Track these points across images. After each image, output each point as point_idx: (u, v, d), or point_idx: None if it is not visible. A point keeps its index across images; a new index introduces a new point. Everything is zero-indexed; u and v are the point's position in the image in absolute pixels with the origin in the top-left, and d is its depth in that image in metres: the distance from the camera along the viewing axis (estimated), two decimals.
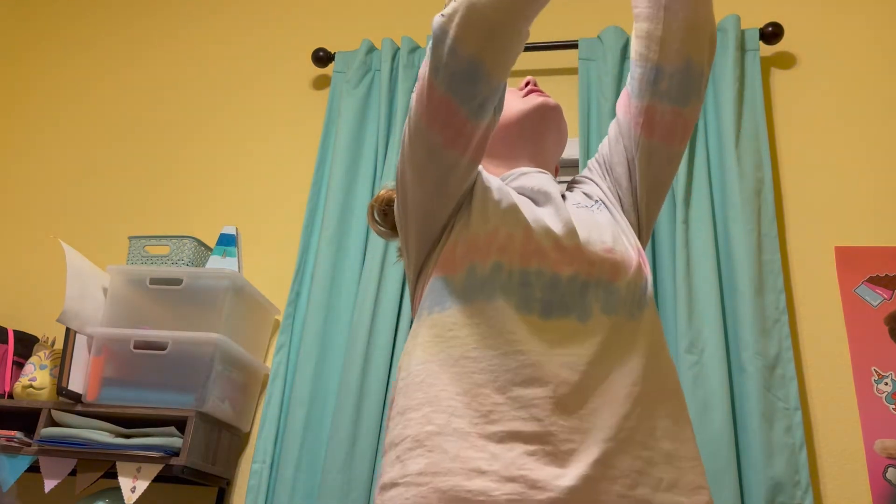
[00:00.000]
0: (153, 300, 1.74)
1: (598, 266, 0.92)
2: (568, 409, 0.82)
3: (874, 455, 1.58)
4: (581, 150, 1.86)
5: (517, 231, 0.92)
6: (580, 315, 0.89)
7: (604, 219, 1.00)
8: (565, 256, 0.91)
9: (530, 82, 1.13)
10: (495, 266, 0.90)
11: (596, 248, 0.93)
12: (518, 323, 0.87)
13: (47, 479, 1.58)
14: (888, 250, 1.74)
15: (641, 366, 0.88)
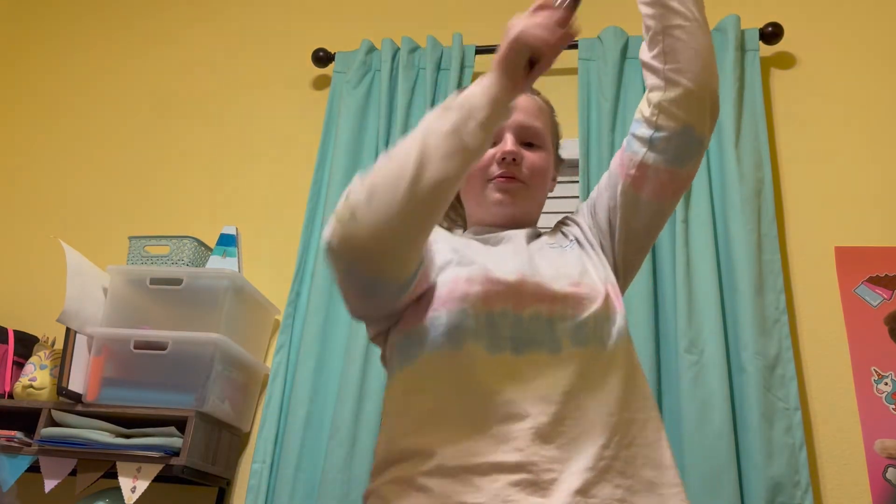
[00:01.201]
0: (153, 300, 1.74)
1: (562, 301, 0.93)
2: (548, 438, 0.83)
3: (874, 455, 1.58)
4: (581, 150, 1.86)
5: (477, 275, 0.93)
6: (551, 348, 0.90)
7: (573, 256, 1.02)
8: (526, 295, 0.92)
9: (506, 158, 1.06)
10: (460, 312, 0.91)
11: (561, 284, 0.94)
12: (490, 364, 0.88)
13: (47, 479, 1.58)
14: (888, 250, 1.74)
15: (617, 395, 0.89)
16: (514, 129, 1.08)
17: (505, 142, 1.07)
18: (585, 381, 0.88)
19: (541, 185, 1.10)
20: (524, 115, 1.09)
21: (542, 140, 1.10)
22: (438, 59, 2.05)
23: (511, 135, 1.08)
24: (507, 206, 1.07)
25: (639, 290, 1.67)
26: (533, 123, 1.09)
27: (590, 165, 1.85)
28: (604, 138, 1.86)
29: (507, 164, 1.05)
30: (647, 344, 1.63)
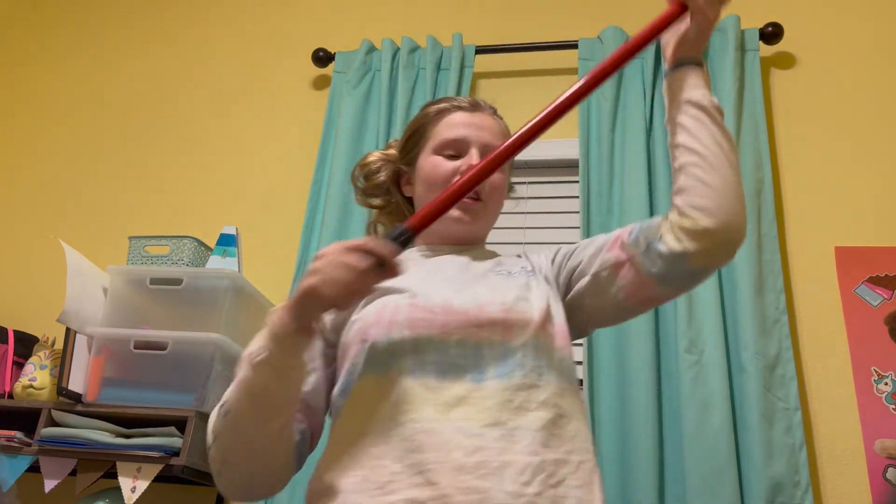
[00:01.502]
0: (153, 300, 1.74)
1: (489, 328, 0.92)
2: (464, 470, 0.82)
3: (874, 455, 1.57)
4: (581, 150, 1.86)
5: (402, 301, 0.94)
6: (475, 377, 0.89)
7: (516, 282, 1.01)
8: (452, 321, 0.92)
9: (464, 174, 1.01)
10: (386, 340, 0.92)
11: (492, 309, 0.94)
12: (413, 389, 0.88)
13: (47, 479, 1.58)
14: (888, 250, 1.74)
15: (543, 434, 0.86)
16: (480, 146, 1.09)
17: (470, 156, 1.08)
18: (508, 415, 0.86)
19: (497, 205, 1.12)
20: (490, 136, 1.11)
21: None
22: (438, 59, 2.05)
23: (476, 150, 1.09)
24: (465, 224, 1.08)
25: None
26: (496, 143, 1.09)
27: (590, 165, 1.85)
28: (604, 138, 1.86)
29: None
30: (647, 344, 1.63)
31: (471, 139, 1.09)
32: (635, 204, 1.76)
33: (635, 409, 1.58)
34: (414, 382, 0.88)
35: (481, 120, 1.12)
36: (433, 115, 1.14)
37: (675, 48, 1.02)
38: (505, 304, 0.95)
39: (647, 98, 1.88)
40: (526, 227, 1.97)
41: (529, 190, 2.02)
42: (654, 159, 1.83)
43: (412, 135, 1.16)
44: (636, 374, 1.61)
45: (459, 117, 1.12)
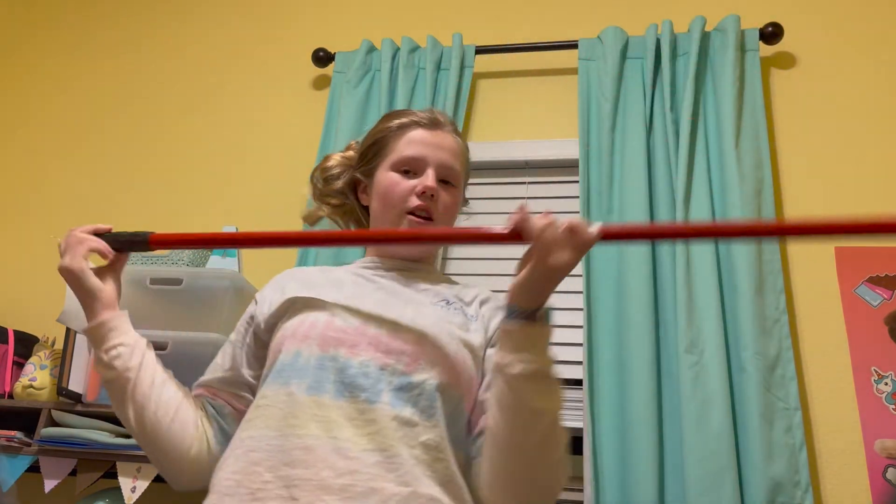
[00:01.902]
0: (153, 300, 1.74)
1: (397, 356, 0.93)
2: (328, 490, 0.82)
3: (874, 455, 1.58)
4: (581, 150, 1.86)
5: (321, 318, 0.98)
6: (370, 396, 0.90)
7: (445, 317, 1.00)
8: (363, 342, 0.94)
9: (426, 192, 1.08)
10: (296, 354, 0.95)
11: (405, 338, 0.95)
12: (306, 404, 0.89)
13: (47, 479, 1.58)
14: (888, 250, 1.74)
15: (422, 468, 0.87)
16: (437, 166, 1.10)
17: (427, 176, 1.09)
18: (388, 445, 0.86)
19: (448, 223, 1.13)
20: (448, 155, 1.12)
21: (458, 181, 1.13)
22: (438, 59, 2.05)
23: (433, 171, 1.10)
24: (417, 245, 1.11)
25: (639, 290, 1.67)
26: (454, 164, 1.12)
27: (589, 165, 1.85)
28: (604, 138, 1.86)
29: (425, 198, 1.08)
30: (647, 344, 1.63)
31: (429, 159, 1.10)
32: (635, 204, 1.76)
33: (635, 409, 1.58)
34: (308, 399, 0.90)
35: (441, 139, 1.13)
36: (394, 130, 1.14)
37: (512, 289, 0.88)
38: (422, 336, 0.95)
39: (647, 98, 1.88)
40: None
41: (529, 190, 2.02)
42: (654, 159, 1.83)
43: (371, 145, 1.16)
44: (636, 374, 1.61)
45: (419, 135, 1.12)
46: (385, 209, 1.10)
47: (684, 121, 1.80)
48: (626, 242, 0.89)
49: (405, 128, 1.13)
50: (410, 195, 1.08)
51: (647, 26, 1.95)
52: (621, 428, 1.60)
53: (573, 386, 1.80)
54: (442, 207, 1.10)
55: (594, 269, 1.76)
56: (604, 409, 1.62)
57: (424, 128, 1.13)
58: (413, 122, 1.14)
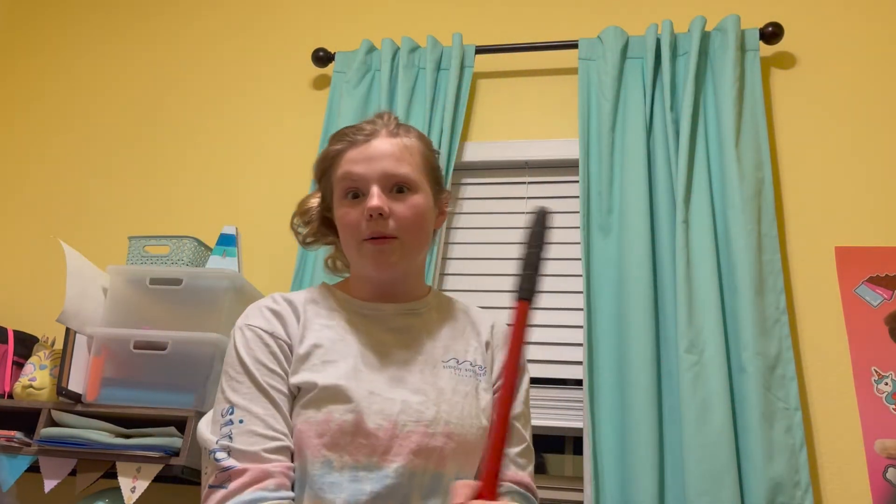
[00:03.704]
0: (153, 300, 1.74)
1: (426, 455, 0.93)
2: None
3: (874, 455, 1.58)
4: (581, 150, 1.86)
5: (348, 417, 0.92)
6: (401, 502, 0.91)
7: (462, 388, 1.00)
8: (395, 447, 0.92)
9: (372, 215, 0.99)
10: (325, 463, 0.91)
11: (435, 432, 0.94)
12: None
13: (47, 479, 1.58)
14: (888, 250, 1.74)
15: None
16: (378, 179, 1.01)
17: (370, 196, 1.00)
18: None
19: (417, 233, 1.03)
20: (386, 162, 1.02)
21: (413, 183, 1.02)
22: (438, 59, 2.05)
23: (376, 187, 1.01)
24: (384, 268, 1.02)
25: (639, 290, 1.67)
26: (397, 170, 1.02)
27: (590, 165, 1.85)
28: (604, 138, 1.86)
29: (374, 222, 0.99)
30: (647, 344, 1.63)
31: (367, 176, 1.01)
32: (635, 204, 1.76)
33: (635, 409, 1.58)
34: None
35: (377, 147, 1.03)
36: (332, 159, 1.07)
37: None
38: (449, 425, 0.95)
39: (647, 98, 1.88)
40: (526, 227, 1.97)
41: (529, 190, 2.02)
42: (654, 159, 1.83)
43: (320, 181, 1.11)
44: (636, 374, 1.61)
45: (353, 155, 1.03)
46: (346, 243, 1.04)
47: (684, 121, 1.80)
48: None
49: (341, 153, 1.05)
50: (361, 222, 1.00)
51: (647, 26, 1.95)
52: (621, 428, 1.60)
53: (573, 386, 1.80)
54: (401, 220, 1.00)
55: (594, 269, 1.76)
56: (604, 409, 1.62)
57: (357, 145, 1.04)
58: (347, 144, 1.05)
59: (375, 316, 1.06)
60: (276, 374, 0.97)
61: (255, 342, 0.99)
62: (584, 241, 1.76)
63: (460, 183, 2.05)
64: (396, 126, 1.07)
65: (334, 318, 1.04)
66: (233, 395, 0.95)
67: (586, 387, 1.63)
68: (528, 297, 0.84)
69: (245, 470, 0.88)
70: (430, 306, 1.10)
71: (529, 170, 2.04)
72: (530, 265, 0.86)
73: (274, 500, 0.88)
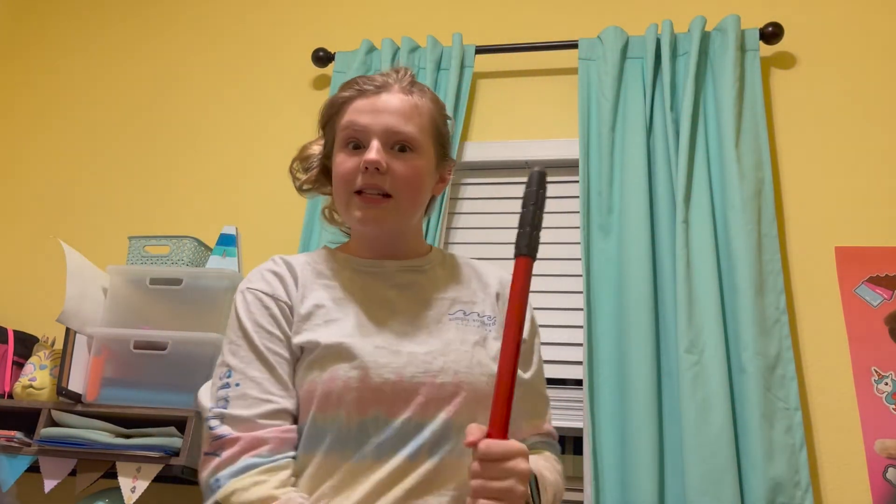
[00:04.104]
0: (153, 300, 1.74)
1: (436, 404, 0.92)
2: None
3: (874, 455, 1.58)
4: (581, 150, 1.86)
5: (355, 375, 0.91)
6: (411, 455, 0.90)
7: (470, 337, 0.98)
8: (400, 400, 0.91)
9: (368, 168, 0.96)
10: (334, 419, 0.91)
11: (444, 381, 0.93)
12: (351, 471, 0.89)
13: (47, 479, 1.58)
14: (888, 250, 1.74)
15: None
16: (381, 133, 0.98)
17: (370, 148, 0.97)
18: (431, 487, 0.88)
19: (412, 195, 1.00)
20: (392, 118, 0.98)
21: (416, 144, 0.99)
22: (438, 59, 2.05)
23: (377, 141, 0.97)
24: (371, 223, 0.99)
25: (639, 290, 1.67)
26: (402, 128, 0.98)
27: (590, 165, 1.85)
28: (604, 138, 1.86)
29: (370, 175, 0.96)
30: (647, 344, 1.63)
31: (370, 128, 0.98)
32: (635, 204, 1.76)
33: (635, 409, 1.58)
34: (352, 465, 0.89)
35: (386, 101, 0.99)
36: (339, 106, 1.04)
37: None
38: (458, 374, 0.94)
39: (647, 98, 1.88)
40: None
41: None
42: (654, 159, 1.83)
43: (324, 128, 1.09)
44: (636, 374, 1.61)
45: (360, 104, 1.01)
46: (337, 192, 1.01)
47: (684, 121, 1.80)
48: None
49: (349, 101, 1.03)
50: (356, 173, 0.97)
51: (647, 26, 1.95)
52: (621, 428, 1.60)
53: (573, 386, 1.80)
54: (398, 179, 0.97)
55: (594, 269, 1.76)
56: (604, 409, 1.62)
57: (367, 95, 1.01)
58: (357, 92, 1.02)
59: (378, 273, 1.03)
60: (276, 338, 0.96)
61: (255, 305, 0.98)
62: (584, 241, 1.76)
63: (460, 183, 2.05)
64: (411, 84, 1.03)
65: (336, 278, 1.02)
66: (231, 359, 0.95)
67: (586, 387, 1.63)
68: (527, 252, 0.84)
69: (238, 439, 0.88)
70: (434, 262, 1.08)
71: (529, 170, 2.03)
72: (528, 223, 0.86)
73: (268, 465, 0.88)
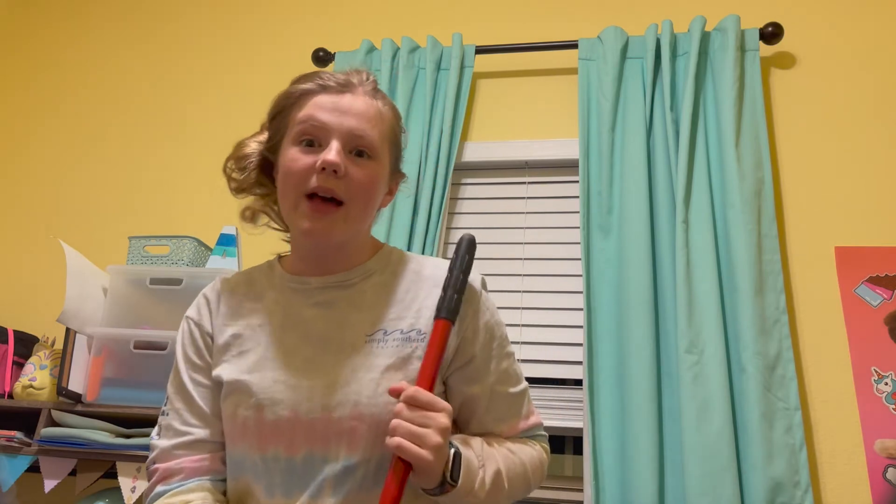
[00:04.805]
0: (153, 300, 1.74)
1: (336, 440, 0.88)
2: None
3: (874, 455, 1.58)
4: (581, 150, 1.86)
5: (250, 414, 0.90)
6: (313, 493, 0.87)
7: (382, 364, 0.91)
8: (298, 435, 0.88)
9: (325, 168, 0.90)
10: (242, 452, 0.91)
11: (341, 415, 0.88)
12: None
13: (47, 479, 1.58)
14: (888, 250, 1.74)
15: None
16: (343, 135, 0.92)
17: (329, 149, 0.90)
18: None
19: (365, 203, 0.94)
20: (358, 121, 0.93)
21: (376, 151, 0.94)
22: (438, 59, 2.05)
23: (338, 142, 0.91)
24: (318, 236, 0.93)
25: (639, 290, 1.67)
26: (366, 131, 0.93)
27: (590, 165, 1.85)
28: (604, 138, 1.86)
29: (326, 176, 0.90)
30: (647, 344, 1.63)
31: (331, 127, 0.91)
32: (635, 204, 1.76)
33: (635, 409, 1.58)
34: (267, 499, 0.89)
35: (350, 102, 0.94)
36: (297, 98, 0.96)
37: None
38: (358, 406, 0.88)
39: (647, 98, 1.88)
40: (526, 227, 1.97)
41: (529, 190, 2.02)
42: (654, 159, 1.83)
43: (274, 118, 0.99)
44: (636, 374, 1.61)
45: (322, 100, 0.94)
46: (284, 192, 0.94)
47: (684, 121, 1.80)
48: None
49: (309, 94, 0.95)
50: (310, 173, 0.90)
51: (647, 26, 1.96)
52: (621, 428, 1.60)
53: (573, 386, 1.80)
54: (353, 185, 0.91)
55: (594, 269, 1.76)
56: (604, 409, 1.62)
57: (331, 92, 0.94)
58: (318, 87, 0.95)
59: (301, 290, 0.98)
60: (199, 368, 0.98)
61: (185, 335, 1.00)
62: (584, 241, 1.76)
63: (460, 183, 2.05)
64: (374, 89, 0.98)
65: (263, 299, 1.00)
66: (169, 387, 1.00)
67: (586, 387, 1.63)
68: (447, 316, 0.89)
69: (157, 469, 0.94)
70: (367, 273, 0.99)
71: (529, 170, 2.04)
72: (451, 286, 0.90)
73: (176, 489, 0.91)
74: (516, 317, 1.86)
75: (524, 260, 1.93)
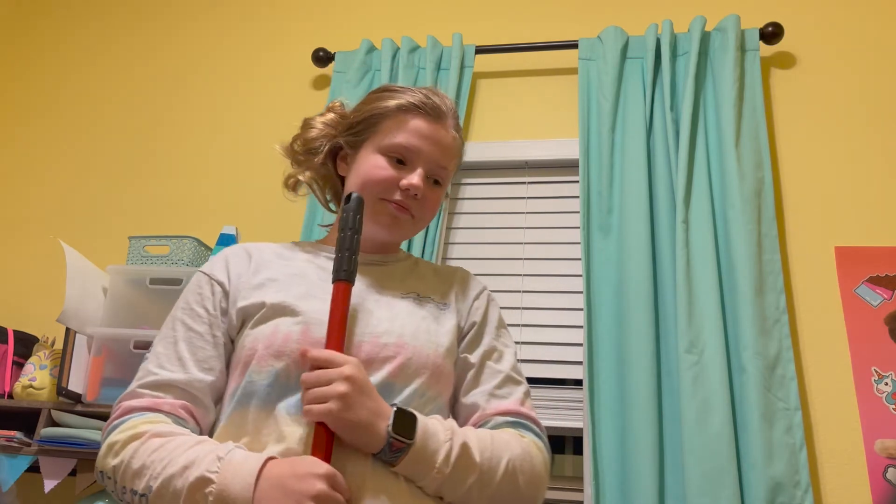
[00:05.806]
0: (153, 300, 1.74)
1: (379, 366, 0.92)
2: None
3: (874, 455, 1.58)
4: (581, 150, 1.86)
5: (295, 328, 0.93)
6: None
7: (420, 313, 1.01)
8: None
9: (410, 190, 1.02)
10: (270, 372, 0.91)
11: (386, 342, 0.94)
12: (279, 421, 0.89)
13: (47, 479, 1.58)
14: (888, 250, 1.74)
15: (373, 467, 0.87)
16: (429, 164, 1.05)
17: (416, 174, 1.03)
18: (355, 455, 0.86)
19: (428, 221, 1.10)
20: (443, 154, 1.06)
21: (446, 180, 1.09)
22: (438, 59, 2.05)
23: (423, 169, 1.04)
24: (395, 232, 1.06)
25: (639, 290, 1.67)
26: (447, 164, 1.07)
27: (589, 165, 1.85)
28: (604, 138, 1.86)
29: (407, 196, 1.03)
30: (647, 344, 1.63)
31: (423, 155, 1.04)
32: (635, 204, 1.76)
33: (635, 409, 1.58)
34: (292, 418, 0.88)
35: (441, 134, 1.06)
36: (392, 111, 1.06)
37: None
38: (402, 338, 0.95)
39: (647, 98, 1.88)
40: (526, 227, 1.97)
41: (529, 190, 2.02)
42: (653, 159, 1.83)
43: (364, 119, 1.09)
44: (636, 374, 1.61)
45: (419, 125, 1.05)
46: (363, 190, 1.03)
47: (684, 121, 1.80)
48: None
49: (405, 111, 1.06)
50: (395, 187, 1.03)
51: (647, 26, 1.96)
52: (621, 428, 1.60)
53: (573, 386, 1.81)
54: (425, 206, 1.06)
55: (594, 269, 1.76)
56: (604, 409, 1.62)
57: (426, 118, 1.06)
58: (415, 108, 1.06)
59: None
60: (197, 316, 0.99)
61: (193, 285, 1.03)
62: (584, 241, 1.76)
63: (460, 183, 2.05)
64: (456, 121, 1.11)
65: (294, 259, 1.06)
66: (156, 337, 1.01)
67: (586, 387, 1.63)
68: (345, 277, 0.92)
69: (119, 407, 0.93)
70: (397, 259, 1.12)
71: (529, 170, 2.04)
72: (346, 247, 0.94)
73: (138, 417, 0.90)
74: (516, 317, 1.86)
75: (524, 260, 1.93)
